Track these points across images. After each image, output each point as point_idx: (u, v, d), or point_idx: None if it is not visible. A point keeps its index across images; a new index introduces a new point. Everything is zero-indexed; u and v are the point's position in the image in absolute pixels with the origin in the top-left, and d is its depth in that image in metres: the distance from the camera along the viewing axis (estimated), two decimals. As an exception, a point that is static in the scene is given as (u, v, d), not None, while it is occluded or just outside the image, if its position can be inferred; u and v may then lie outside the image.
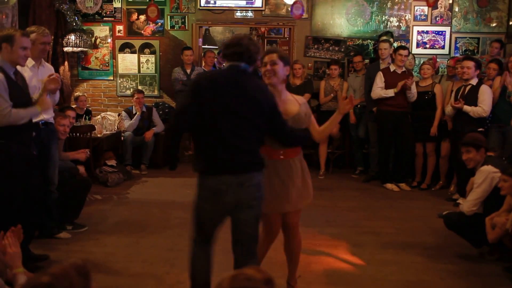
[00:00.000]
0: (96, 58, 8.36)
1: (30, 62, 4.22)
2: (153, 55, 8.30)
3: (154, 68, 8.32)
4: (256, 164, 2.90)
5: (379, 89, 6.60)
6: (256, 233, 2.98)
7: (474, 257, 4.34)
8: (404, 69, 6.66)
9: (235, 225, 2.96)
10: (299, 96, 3.49)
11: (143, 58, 8.32)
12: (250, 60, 2.93)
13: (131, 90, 8.18)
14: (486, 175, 4.22)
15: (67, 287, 1.59)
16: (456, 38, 8.03)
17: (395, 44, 7.77)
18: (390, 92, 6.52)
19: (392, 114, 6.58)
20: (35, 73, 4.26)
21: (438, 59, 7.72)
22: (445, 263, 4.23)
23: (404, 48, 6.77)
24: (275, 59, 3.21)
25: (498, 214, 4.00)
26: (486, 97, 5.88)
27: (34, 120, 4.00)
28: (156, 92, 8.37)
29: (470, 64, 5.96)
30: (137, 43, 8.29)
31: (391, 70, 6.63)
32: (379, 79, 6.62)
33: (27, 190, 3.74)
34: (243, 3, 8.08)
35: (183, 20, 8.19)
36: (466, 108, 5.88)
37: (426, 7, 7.96)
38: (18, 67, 3.85)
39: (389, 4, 8.02)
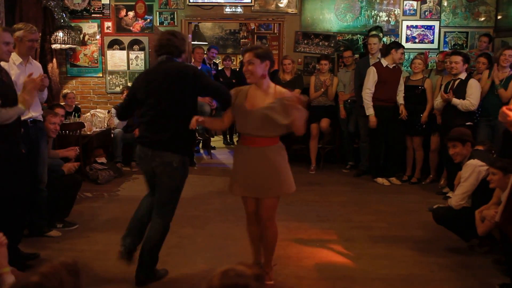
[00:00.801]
0: (85, 55, 8.30)
1: (17, 59, 4.19)
2: (142, 52, 8.26)
3: (143, 64, 8.28)
4: (172, 145, 3.45)
5: (370, 93, 6.60)
6: (167, 200, 3.55)
7: (464, 250, 4.38)
8: (394, 64, 6.67)
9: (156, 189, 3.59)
10: (287, 90, 3.54)
11: (132, 55, 8.28)
12: (180, 52, 3.59)
13: (121, 87, 8.14)
14: (472, 169, 4.26)
15: (57, 287, 1.58)
16: (445, 32, 8.07)
17: (385, 39, 7.79)
18: (370, 111, 6.58)
19: (383, 109, 6.59)
20: (22, 71, 4.22)
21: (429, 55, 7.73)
22: (435, 257, 4.26)
23: (402, 47, 6.78)
24: (251, 58, 3.35)
25: (487, 207, 4.03)
26: (474, 91, 5.92)
27: (22, 118, 3.97)
28: (146, 89, 8.32)
29: (458, 59, 6.01)
30: (126, 39, 8.24)
31: (384, 65, 6.64)
32: (372, 75, 6.60)
33: (15, 188, 3.71)
34: (232, -1, 8.05)
35: (172, 16, 8.15)
36: (455, 101, 5.92)
37: (415, 2, 7.98)
38: (6, 65, 3.82)
39: (378, -1, 8.04)
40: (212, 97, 3.87)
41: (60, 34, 7.60)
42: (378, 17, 8.07)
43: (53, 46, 7.68)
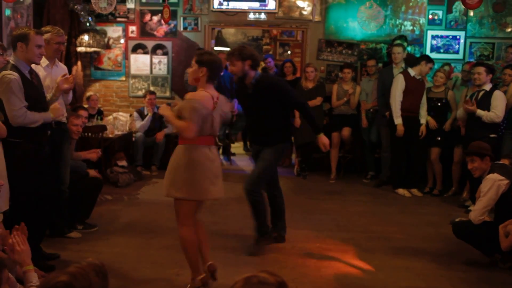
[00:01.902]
0: (109, 58, 8.39)
1: (44, 61, 4.25)
2: (165, 56, 8.32)
3: (166, 69, 8.34)
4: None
5: (400, 101, 6.52)
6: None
7: (486, 265, 4.30)
8: (420, 76, 6.61)
9: None
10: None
11: (156, 59, 8.34)
12: None
13: (143, 91, 8.20)
14: (492, 183, 4.19)
15: (86, 287, 1.59)
16: (470, 43, 7.96)
17: (409, 48, 7.72)
18: (399, 120, 6.50)
19: (405, 119, 6.52)
20: (49, 73, 4.29)
21: (452, 64, 7.61)
22: (456, 271, 4.19)
23: (433, 62, 6.71)
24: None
25: (511, 222, 3.95)
26: (499, 102, 5.82)
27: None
28: (168, 93, 8.38)
29: (481, 69, 5.92)
30: (149, 44, 8.31)
31: (411, 74, 6.56)
32: (401, 83, 6.52)
33: (40, 189, 3.77)
34: (256, 5, 8.07)
35: (196, 21, 8.20)
36: (480, 112, 5.83)
37: (441, 12, 7.89)
38: (33, 66, 3.89)
39: (403, 8, 7.98)
40: None
41: (85, 37, 7.71)
42: (402, 26, 8.00)
43: (78, 49, 7.79)
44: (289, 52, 11.88)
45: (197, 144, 3.47)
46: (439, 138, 6.65)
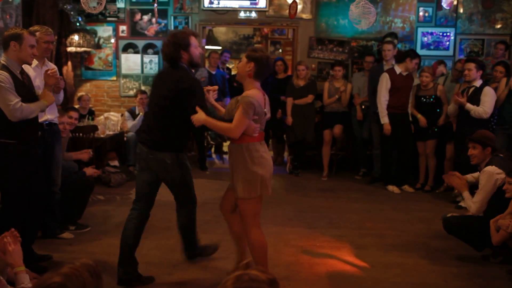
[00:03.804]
0: (99, 58, 8.36)
1: (33, 62, 4.22)
2: (156, 55, 8.29)
3: (157, 68, 8.31)
4: (164, 145, 3.61)
5: (385, 101, 6.54)
6: (179, 191, 3.87)
7: (478, 260, 4.32)
8: (407, 71, 6.62)
9: None
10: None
11: (146, 59, 8.32)
12: (172, 59, 3.60)
13: (134, 90, 8.18)
14: (490, 176, 4.22)
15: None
16: (460, 39, 8.01)
17: (400, 45, 7.74)
18: (385, 120, 6.53)
19: (394, 116, 6.54)
20: (38, 73, 4.26)
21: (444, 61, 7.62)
22: (449, 266, 4.21)
23: (419, 56, 6.73)
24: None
25: (502, 217, 3.97)
26: (488, 98, 5.86)
27: (39, 120, 4.02)
28: (159, 93, 8.35)
29: (471, 66, 5.95)
30: (140, 43, 8.29)
31: (397, 72, 6.59)
32: (385, 82, 6.55)
33: (31, 190, 3.75)
34: (247, 4, 8.07)
35: (186, 20, 8.19)
36: (469, 106, 5.86)
37: (431, 9, 7.93)
38: (22, 67, 3.86)
39: (393, 5, 8.00)
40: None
41: (75, 37, 7.67)
42: (393, 24, 8.03)
43: (68, 49, 7.75)
44: (280, 50, 11.89)
45: (256, 141, 3.43)
46: (435, 129, 6.66)
